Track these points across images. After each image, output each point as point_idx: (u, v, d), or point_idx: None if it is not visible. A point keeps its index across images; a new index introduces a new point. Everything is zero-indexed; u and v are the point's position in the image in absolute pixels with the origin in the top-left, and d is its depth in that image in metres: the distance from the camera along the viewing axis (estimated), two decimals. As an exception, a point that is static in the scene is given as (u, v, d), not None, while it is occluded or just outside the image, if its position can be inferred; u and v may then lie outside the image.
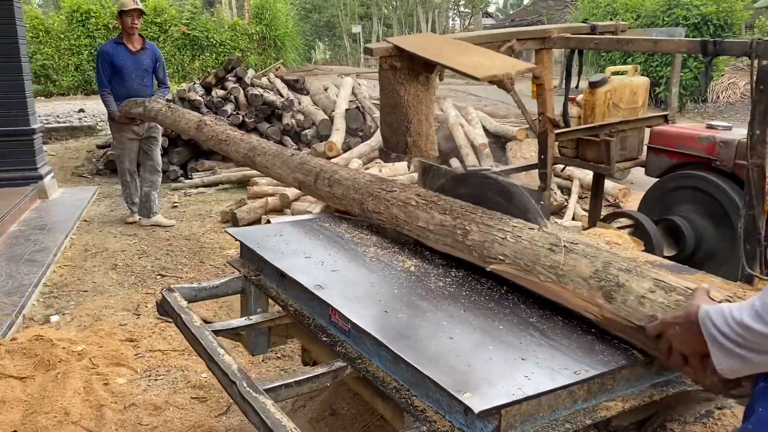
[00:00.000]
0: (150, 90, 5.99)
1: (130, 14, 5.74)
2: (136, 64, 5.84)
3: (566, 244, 1.81)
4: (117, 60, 5.76)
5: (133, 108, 5.44)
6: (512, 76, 2.03)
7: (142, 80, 5.91)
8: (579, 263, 1.74)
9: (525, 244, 1.88)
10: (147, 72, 5.95)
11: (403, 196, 2.36)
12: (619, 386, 1.68)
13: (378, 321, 1.83)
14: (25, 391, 3.14)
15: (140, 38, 5.93)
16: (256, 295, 2.48)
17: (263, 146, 3.48)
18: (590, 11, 16.29)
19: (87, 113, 14.27)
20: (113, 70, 5.79)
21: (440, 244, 2.16)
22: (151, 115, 5.16)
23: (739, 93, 16.13)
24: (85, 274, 4.91)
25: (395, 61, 2.31)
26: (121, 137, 5.98)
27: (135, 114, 5.45)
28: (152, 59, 5.97)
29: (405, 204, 2.32)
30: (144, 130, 6.04)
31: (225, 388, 1.80)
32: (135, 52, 5.85)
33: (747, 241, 2.54)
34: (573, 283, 1.73)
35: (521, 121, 8.88)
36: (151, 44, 6.10)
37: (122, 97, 5.77)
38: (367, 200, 2.50)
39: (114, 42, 5.90)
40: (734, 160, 3.10)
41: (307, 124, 8.58)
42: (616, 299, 1.63)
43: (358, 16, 39.26)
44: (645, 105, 3.76)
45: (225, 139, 3.88)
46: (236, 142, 3.73)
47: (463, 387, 1.48)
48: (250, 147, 3.55)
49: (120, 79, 5.81)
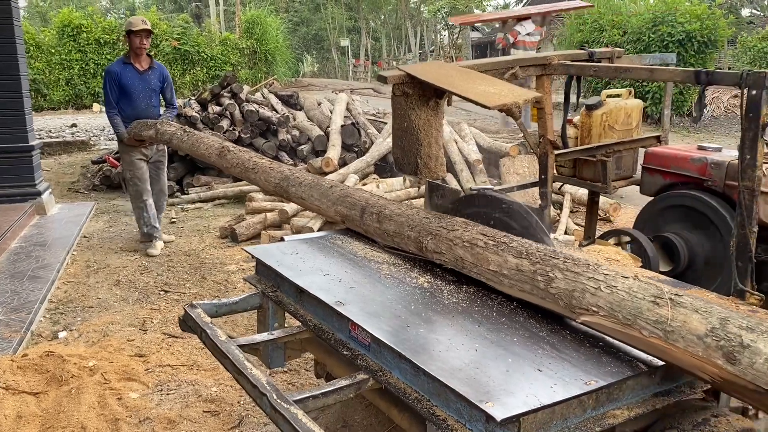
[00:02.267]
0: (158, 110, 5.91)
1: (139, 34, 5.62)
2: (144, 84, 5.72)
3: (671, 296, 1.70)
4: (125, 80, 5.64)
5: (143, 130, 5.22)
6: (520, 105, 2.17)
7: (150, 100, 5.79)
8: (690, 319, 1.63)
9: (622, 294, 1.77)
10: (155, 92, 5.84)
11: (468, 235, 2.22)
12: (625, 395, 1.81)
13: (397, 335, 1.94)
14: (40, 407, 3.21)
15: (148, 58, 5.84)
16: (274, 310, 2.59)
17: (297, 176, 3.24)
18: (577, 27, 16.57)
19: (80, 128, 14.31)
20: (121, 91, 5.66)
21: (515, 289, 2.03)
22: (164, 138, 4.85)
23: (723, 107, 16.48)
24: (89, 290, 4.98)
25: (407, 88, 2.44)
26: (130, 159, 5.79)
27: (146, 137, 5.20)
28: (160, 79, 5.86)
29: (472, 245, 2.18)
30: (153, 153, 5.92)
31: (255, 399, 1.90)
32: (142, 71, 5.73)
33: (738, 259, 2.69)
34: (684, 341, 1.61)
35: (513, 137, 9.06)
36: (159, 64, 5.99)
37: (130, 117, 5.63)
38: (425, 239, 2.35)
39: (121, 62, 5.77)
40: (725, 180, 3.26)
41: (302, 139, 8.70)
42: (740, 361, 1.51)
43: (346, 30, 39.58)
44: (639, 126, 3.92)
45: (252, 167, 3.56)
46: (266, 171, 3.45)
47: (484, 397, 1.60)
48: (282, 177, 3.30)
49: (127, 100, 5.69)
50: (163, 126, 4.95)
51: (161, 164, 6.09)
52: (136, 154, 5.76)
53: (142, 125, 5.29)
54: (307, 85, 20.14)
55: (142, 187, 5.83)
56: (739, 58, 18.67)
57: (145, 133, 5.15)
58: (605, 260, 2.71)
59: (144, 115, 5.63)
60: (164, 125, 4.91)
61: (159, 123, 5.02)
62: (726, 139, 13.23)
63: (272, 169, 3.44)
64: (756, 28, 22.98)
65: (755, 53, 18.06)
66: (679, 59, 13.54)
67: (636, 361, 1.81)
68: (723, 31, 14.25)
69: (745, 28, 22.83)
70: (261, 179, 3.47)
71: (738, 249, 2.69)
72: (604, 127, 3.73)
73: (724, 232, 3.22)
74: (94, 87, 19.41)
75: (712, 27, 13.87)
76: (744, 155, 2.57)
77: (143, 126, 5.26)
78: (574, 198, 6.96)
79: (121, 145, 5.80)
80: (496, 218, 2.42)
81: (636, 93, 4.12)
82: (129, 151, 5.74)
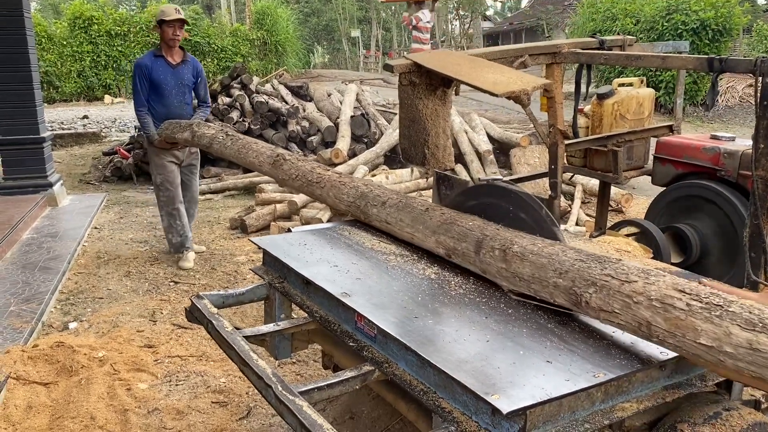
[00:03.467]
0: (190, 108, 5.37)
1: (172, 24, 5.07)
2: (177, 79, 5.17)
3: None
4: (156, 75, 5.10)
5: (177, 132, 4.56)
6: (529, 93, 2.14)
7: (183, 97, 5.24)
8: None
9: None
10: (188, 88, 5.27)
11: (655, 291, 1.64)
12: (634, 388, 1.78)
13: (404, 326, 1.93)
14: (50, 397, 3.23)
15: (180, 50, 5.28)
16: (281, 301, 2.58)
17: (377, 194, 2.69)
18: (590, 16, 16.39)
19: (91, 120, 14.38)
20: (151, 86, 5.12)
21: (745, 375, 1.47)
22: (202, 143, 4.06)
23: (738, 97, 16.28)
24: (99, 282, 5.00)
25: (414, 77, 2.42)
26: (161, 162, 5.24)
27: (180, 140, 4.55)
28: (193, 73, 5.31)
29: (664, 305, 1.60)
30: (186, 155, 5.36)
31: (260, 391, 1.90)
32: (175, 65, 5.19)
33: (752, 250, 2.65)
34: None
35: (524, 127, 8.99)
36: (192, 57, 5.41)
37: (161, 116, 5.09)
38: (584, 290, 1.78)
39: (152, 55, 5.22)
40: (738, 170, 3.21)
41: (312, 130, 8.69)
42: None
43: (357, 20, 39.46)
44: (651, 115, 3.87)
45: (317, 181, 2.99)
46: (335, 186, 2.88)
47: (490, 389, 1.58)
48: (358, 194, 2.76)
49: (158, 96, 5.14)
50: (200, 128, 4.22)
51: (194, 168, 5.57)
52: (167, 156, 5.25)
53: (174, 126, 4.68)
54: (316, 76, 20.09)
55: (173, 192, 5.30)
56: (755, 47, 18.41)
57: (180, 135, 4.48)
58: (616, 251, 2.68)
59: (176, 113, 5.13)
60: (201, 127, 4.22)
61: (195, 124, 4.33)
62: (741, 129, 13.07)
63: (343, 184, 2.86)
64: (772, 16, 22.65)
65: (771, 42, 17.81)
66: (693, 48, 13.38)
67: (645, 354, 1.78)
68: (738, 19, 14.04)
69: (761, 16, 22.51)
70: (329, 196, 2.91)
71: (751, 239, 2.65)
72: (615, 117, 3.68)
73: (737, 222, 3.18)
74: (106, 79, 19.48)
75: (726, 15, 13.67)
76: (758, 144, 2.53)
77: (176, 127, 4.63)
78: (585, 189, 6.90)
79: (150, 147, 5.29)
80: (504, 209, 2.39)
81: (649, 82, 4.08)
82: (159, 153, 5.23)
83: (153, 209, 7.27)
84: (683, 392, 1.85)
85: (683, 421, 1.82)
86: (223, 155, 3.85)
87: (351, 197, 2.79)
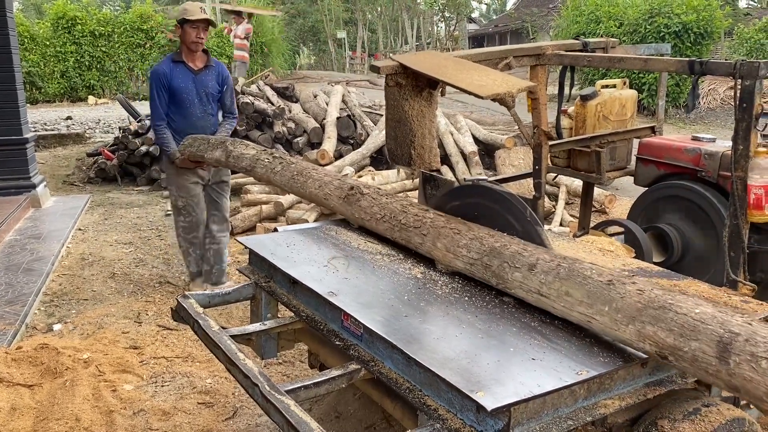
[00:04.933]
0: (215, 120, 4.61)
1: (196, 26, 4.31)
2: (200, 87, 4.44)
3: None
4: (176, 82, 4.37)
5: (205, 150, 3.76)
6: (513, 95, 2.16)
7: (206, 108, 4.49)
8: None
9: None
10: (212, 97, 4.53)
11: None
12: (617, 385, 1.81)
13: (390, 325, 1.94)
14: (34, 399, 3.21)
15: (203, 54, 4.53)
16: (267, 301, 2.59)
17: (517, 251, 2.03)
18: (574, 18, 16.53)
19: (75, 120, 14.26)
20: (170, 96, 4.40)
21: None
22: (240, 165, 3.35)
23: (719, 99, 16.49)
24: (83, 283, 4.97)
25: (400, 79, 2.44)
26: (182, 182, 4.46)
27: (209, 160, 3.76)
28: (218, 80, 4.55)
29: None
30: (211, 174, 4.57)
31: (246, 390, 1.90)
32: (197, 71, 4.44)
33: (731, 249, 2.69)
34: None
35: (509, 129, 9.05)
36: (217, 61, 4.66)
37: (181, 130, 4.38)
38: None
39: (170, 60, 4.46)
40: (718, 171, 3.26)
41: (298, 131, 8.68)
42: None
43: (343, 22, 39.45)
44: (633, 117, 3.92)
45: (416, 225, 2.33)
46: (447, 236, 2.22)
47: (475, 387, 1.60)
48: (487, 249, 2.10)
49: (178, 107, 4.42)
50: (236, 146, 3.46)
51: (224, 185, 4.71)
52: (191, 177, 4.46)
53: (201, 142, 3.90)
54: (302, 77, 20.09)
55: (196, 218, 4.56)
56: (736, 50, 18.65)
57: (210, 154, 3.71)
58: (599, 251, 2.71)
59: (199, 126, 4.43)
60: (237, 145, 3.47)
61: (230, 142, 3.56)
62: (722, 131, 13.24)
63: (459, 233, 2.20)
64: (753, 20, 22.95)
65: (752, 44, 18.05)
66: (676, 50, 13.53)
67: (628, 352, 1.81)
68: (719, 23, 14.24)
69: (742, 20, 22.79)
70: (436, 247, 2.22)
71: (731, 239, 2.70)
72: (598, 118, 3.73)
73: (717, 222, 3.23)
74: (90, 79, 19.32)
75: (708, 18, 13.86)
76: (737, 145, 2.57)
77: (203, 143, 3.86)
78: (569, 190, 6.96)
79: (170, 165, 4.50)
80: (488, 209, 2.42)
81: (632, 84, 4.13)
82: (181, 173, 4.44)
83: (138, 210, 7.24)
84: (664, 389, 1.88)
85: (664, 417, 1.86)
86: (271, 182, 3.18)
87: (474, 252, 2.12)
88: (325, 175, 2.88)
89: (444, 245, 2.23)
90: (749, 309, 2.13)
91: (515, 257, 1.98)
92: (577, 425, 1.70)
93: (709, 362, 1.50)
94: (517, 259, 1.97)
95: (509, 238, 2.14)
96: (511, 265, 1.98)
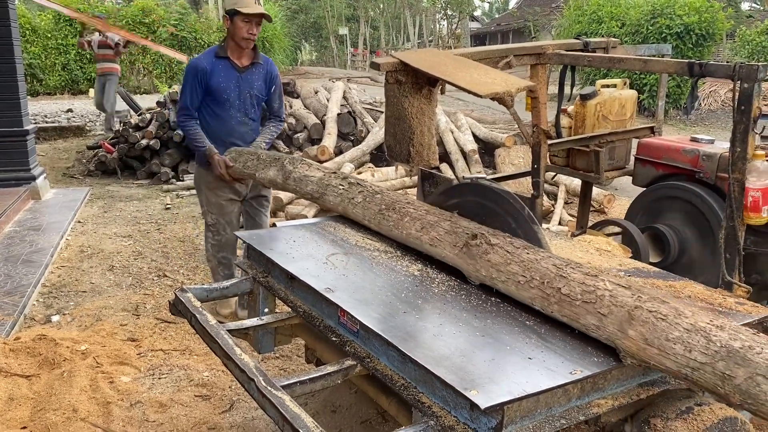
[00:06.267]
0: (256, 126, 4.02)
1: (250, 20, 3.71)
2: (244, 87, 3.87)
3: None
4: (216, 80, 3.78)
5: (255, 168, 3.28)
6: (513, 94, 2.17)
7: (248, 111, 3.92)
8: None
9: None
10: (256, 99, 3.95)
11: None
12: (610, 385, 1.83)
13: (386, 322, 1.96)
14: (32, 389, 3.23)
15: (252, 51, 3.92)
16: (264, 296, 2.60)
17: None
18: (576, 18, 16.52)
19: (75, 113, 14.27)
20: (208, 95, 3.83)
21: None
22: (304, 190, 2.92)
23: (720, 101, 16.50)
24: (82, 275, 4.98)
25: (400, 76, 2.44)
26: (215, 197, 3.92)
27: (262, 180, 3.29)
28: (266, 80, 3.97)
29: None
30: (248, 188, 4.02)
31: (242, 384, 1.92)
32: (243, 69, 3.86)
33: (727, 251, 2.71)
34: None
35: (510, 127, 9.06)
36: (266, 58, 4.05)
37: (214, 134, 3.85)
38: None
39: (213, 54, 3.84)
40: (716, 172, 3.27)
41: (299, 127, 8.68)
42: None
43: (345, 18, 39.44)
44: (633, 117, 3.93)
45: (588, 300, 1.81)
46: (652, 324, 1.66)
47: (469, 385, 1.61)
48: (728, 349, 1.55)
49: (214, 108, 3.85)
50: (296, 166, 2.99)
51: (264, 201, 4.16)
52: (226, 192, 3.91)
53: (248, 157, 3.44)
54: (304, 73, 20.09)
55: (227, 238, 3.99)
56: (738, 52, 18.67)
57: (262, 174, 3.19)
58: (596, 250, 2.72)
59: (236, 132, 3.90)
60: (298, 165, 3.01)
61: (288, 160, 3.08)
62: (723, 132, 13.24)
63: (665, 317, 1.64)
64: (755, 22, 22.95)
65: (754, 47, 18.07)
66: (678, 52, 13.53)
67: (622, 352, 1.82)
68: (721, 24, 14.23)
69: (744, 22, 22.80)
70: (632, 339, 1.68)
71: (727, 241, 2.71)
72: (597, 118, 3.74)
73: (715, 224, 3.24)
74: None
75: (710, 20, 13.85)
76: (735, 147, 2.58)
77: (251, 159, 3.38)
78: (568, 189, 6.97)
79: (201, 173, 3.94)
80: (486, 207, 2.43)
81: (634, 85, 4.14)
82: (214, 186, 3.89)
83: (137, 204, 7.25)
84: (658, 389, 1.90)
85: (656, 415, 1.87)
86: (347, 214, 2.72)
87: (700, 352, 1.55)
88: (427, 212, 2.37)
89: (641, 334, 1.62)
90: (744, 311, 2.15)
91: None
92: (570, 424, 1.71)
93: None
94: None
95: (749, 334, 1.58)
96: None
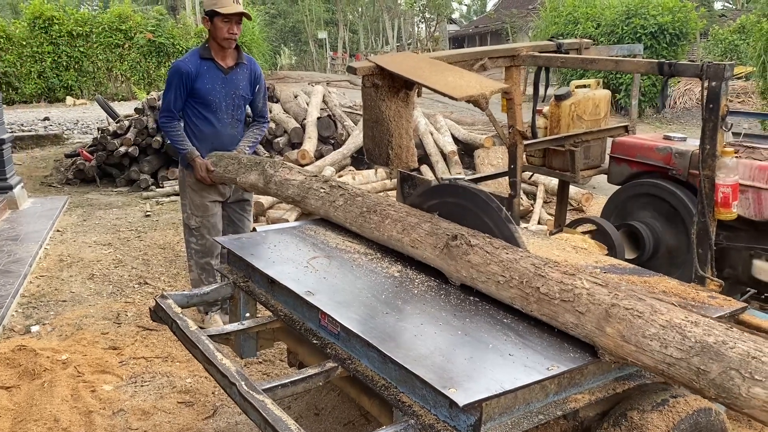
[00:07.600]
0: (242, 128, 4.03)
1: (229, 19, 3.65)
2: (229, 89, 3.81)
3: None
4: (202, 83, 3.72)
5: (236, 173, 3.30)
6: (487, 96, 2.21)
7: (235, 113, 3.89)
8: None
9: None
10: (243, 100, 3.92)
11: None
12: (587, 380, 1.86)
13: (366, 324, 1.98)
14: (12, 400, 3.20)
15: (234, 51, 3.86)
16: (245, 300, 2.61)
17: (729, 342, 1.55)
18: (552, 20, 16.69)
19: (52, 121, 14.12)
20: (193, 98, 3.76)
21: None
22: (285, 193, 2.94)
23: (695, 99, 16.72)
24: (62, 285, 4.94)
25: (377, 80, 2.47)
26: (198, 199, 3.85)
27: (243, 185, 3.30)
28: (251, 80, 3.92)
29: None
30: (232, 191, 3.97)
31: (224, 389, 1.93)
32: (228, 70, 3.81)
33: (699, 246, 2.76)
34: None
35: (488, 129, 9.12)
36: (250, 58, 4.00)
37: (207, 139, 3.81)
38: None
39: (197, 56, 3.77)
40: (688, 169, 3.34)
41: (279, 131, 8.67)
42: None
43: (324, 22, 39.41)
44: (607, 116, 3.99)
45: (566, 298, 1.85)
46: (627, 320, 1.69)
47: (448, 383, 1.64)
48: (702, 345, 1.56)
49: (204, 112, 3.79)
50: (277, 170, 3.00)
51: (246, 205, 4.13)
52: (210, 194, 3.86)
53: (229, 162, 3.44)
54: (283, 77, 20.06)
55: (211, 243, 3.88)
56: (711, 51, 18.96)
57: (243, 178, 3.19)
58: (572, 248, 2.77)
59: (226, 135, 3.86)
60: (279, 168, 3.01)
61: (269, 164, 3.11)
62: (697, 130, 13.35)
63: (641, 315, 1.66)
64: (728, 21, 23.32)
65: (726, 45, 18.37)
66: (652, 51, 13.72)
67: (598, 347, 1.86)
68: (694, 24, 14.46)
69: (716, 21, 23.17)
70: (610, 336, 1.70)
71: (699, 236, 2.76)
72: (572, 118, 3.79)
73: (687, 220, 3.30)
74: (67, 80, 19.14)
75: (683, 20, 14.07)
76: (704, 145, 2.64)
77: (231, 163, 3.39)
78: (547, 188, 7.04)
79: (185, 175, 3.89)
80: (464, 208, 2.46)
81: (609, 84, 4.21)
82: (198, 188, 3.83)
83: (117, 211, 7.20)
84: (633, 383, 1.94)
85: (633, 408, 1.91)
86: (329, 218, 2.73)
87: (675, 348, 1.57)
88: (408, 213, 2.39)
89: (618, 332, 1.65)
90: (716, 304, 2.20)
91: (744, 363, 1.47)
92: (548, 419, 1.75)
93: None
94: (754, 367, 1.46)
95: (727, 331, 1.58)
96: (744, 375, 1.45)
